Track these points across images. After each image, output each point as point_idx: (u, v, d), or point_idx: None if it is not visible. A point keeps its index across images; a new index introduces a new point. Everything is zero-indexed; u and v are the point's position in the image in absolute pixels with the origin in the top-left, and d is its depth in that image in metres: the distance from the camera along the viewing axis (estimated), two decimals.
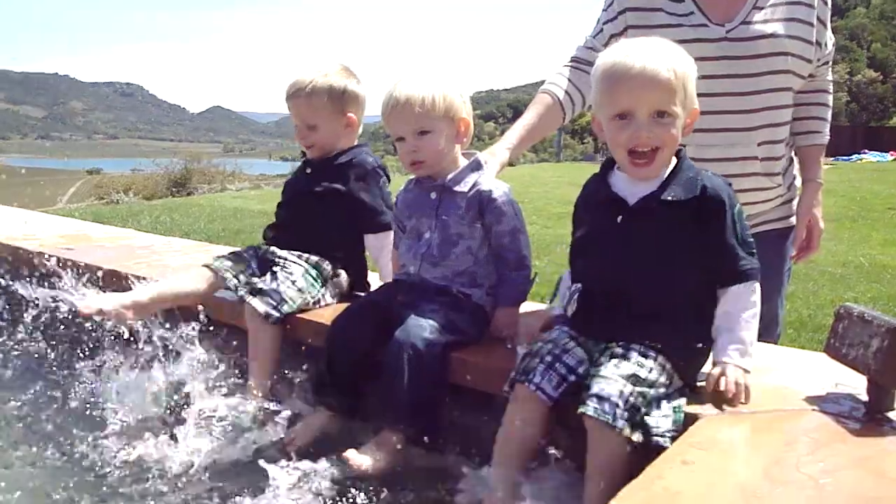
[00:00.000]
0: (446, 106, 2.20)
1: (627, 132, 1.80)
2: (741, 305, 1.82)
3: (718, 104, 2.29)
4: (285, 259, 2.59)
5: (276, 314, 2.44)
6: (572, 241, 2.04)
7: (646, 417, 1.68)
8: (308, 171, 2.75)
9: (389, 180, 2.74)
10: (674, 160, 1.87)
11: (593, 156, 32.58)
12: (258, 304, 2.44)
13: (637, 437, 1.65)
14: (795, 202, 2.57)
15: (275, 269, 2.57)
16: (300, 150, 2.81)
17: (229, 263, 2.60)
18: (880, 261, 7.24)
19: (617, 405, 1.64)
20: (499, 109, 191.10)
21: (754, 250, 1.85)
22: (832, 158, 23.84)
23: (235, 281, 2.55)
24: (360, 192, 2.64)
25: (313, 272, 2.59)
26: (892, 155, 27.34)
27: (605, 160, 2.00)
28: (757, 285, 1.84)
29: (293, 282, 2.52)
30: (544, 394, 1.79)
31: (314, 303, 2.56)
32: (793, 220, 2.56)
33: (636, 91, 1.78)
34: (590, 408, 1.64)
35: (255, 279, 2.56)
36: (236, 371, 2.50)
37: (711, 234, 1.80)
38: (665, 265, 1.82)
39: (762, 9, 2.33)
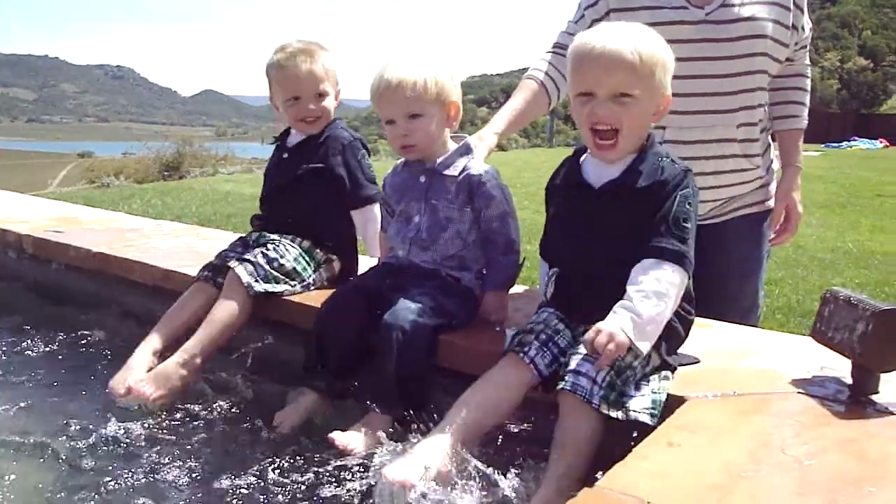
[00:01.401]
0: (438, 90, 2.19)
1: (587, 109, 1.82)
2: (648, 279, 1.73)
3: (698, 86, 2.31)
4: (278, 241, 2.58)
5: (258, 287, 2.43)
6: (545, 230, 2.05)
7: (623, 397, 1.69)
8: (285, 155, 2.72)
9: (369, 153, 2.72)
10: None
11: None
12: (242, 273, 2.43)
13: (616, 414, 1.65)
14: (773, 186, 2.59)
15: (268, 245, 2.55)
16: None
17: (218, 263, 2.57)
18: (868, 247, 7.28)
19: (594, 380, 1.66)
20: (492, 94, 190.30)
21: (686, 237, 1.78)
22: (823, 145, 23.89)
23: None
24: (338, 167, 2.62)
25: (306, 257, 2.59)
26: (881, 142, 27.42)
27: (578, 145, 2.01)
28: (670, 268, 1.74)
29: (283, 262, 2.51)
30: (537, 369, 1.80)
31: (304, 288, 2.56)
32: (770, 203, 2.59)
33: (597, 70, 1.79)
34: (568, 383, 1.66)
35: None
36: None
37: (656, 213, 1.80)
38: (630, 248, 1.81)
39: None
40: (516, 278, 2.31)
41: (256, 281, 2.44)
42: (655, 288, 1.72)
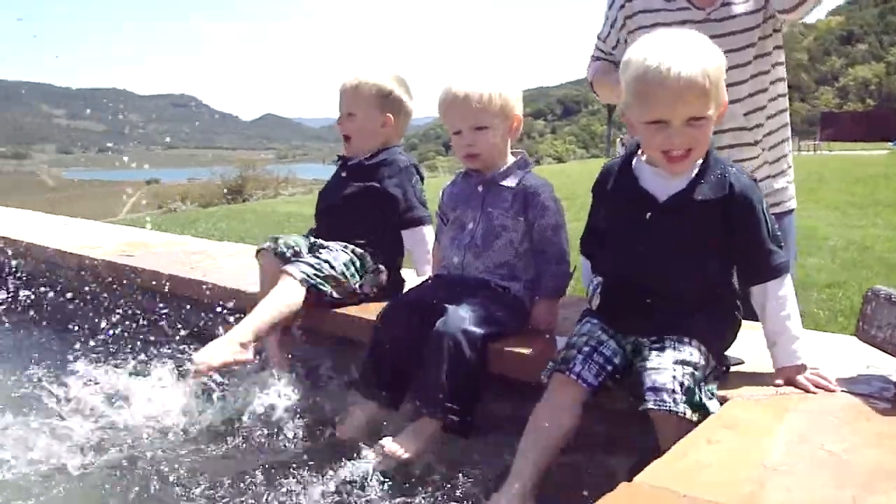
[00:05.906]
0: (502, 102, 2.30)
1: (661, 137, 1.81)
2: (783, 301, 1.85)
3: None
4: (331, 247, 2.70)
5: (311, 280, 2.56)
6: (588, 228, 2.11)
7: (700, 398, 1.70)
8: (343, 174, 2.86)
9: (423, 179, 2.84)
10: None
11: None
12: (294, 270, 2.56)
13: (696, 417, 1.67)
14: (792, 188, 2.64)
15: (321, 250, 2.69)
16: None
17: (285, 240, 2.73)
18: None
19: (673, 391, 1.67)
20: (548, 106, 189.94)
21: (782, 243, 1.88)
22: (890, 143, 23.14)
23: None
24: (392, 188, 2.74)
25: (357, 262, 2.70)
26: None
27: (630, 148, 2.01)
28: (787, 278, 1.87)
29: (334, 265, 2.63)
30: (585, 382, 1.83)
31: (351, 292, 2.67)
32: (789, 204, 2.63)
33: (672, 101, 1.77)
34: (649, 403, 1.67)
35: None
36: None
37: (743, 234, 1.84)
38: (692, 260, 1.86)
39: None
40: (566, 288, 2.37)
41: (308, 276, 2.57)
42: (793, 302, 1.88)
